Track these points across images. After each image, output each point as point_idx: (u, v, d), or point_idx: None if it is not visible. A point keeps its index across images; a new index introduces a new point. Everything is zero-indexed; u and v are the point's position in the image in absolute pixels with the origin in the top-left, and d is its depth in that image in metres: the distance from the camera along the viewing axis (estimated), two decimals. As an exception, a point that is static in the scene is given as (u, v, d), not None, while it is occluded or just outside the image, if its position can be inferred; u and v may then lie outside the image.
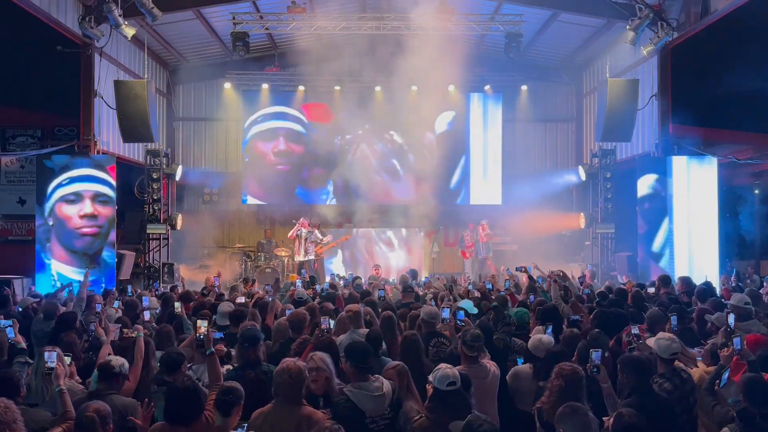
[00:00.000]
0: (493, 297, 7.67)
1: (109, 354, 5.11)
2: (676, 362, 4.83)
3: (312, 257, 16.06)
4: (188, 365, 5.13)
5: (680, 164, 13.68)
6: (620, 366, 4.50)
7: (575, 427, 3.52)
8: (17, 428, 3.43)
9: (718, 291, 9.52)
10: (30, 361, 5.28)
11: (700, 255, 13.31)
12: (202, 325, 4.75)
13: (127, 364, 4.70)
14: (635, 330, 5.41)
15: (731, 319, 5.72)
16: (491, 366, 4.96)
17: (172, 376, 4.69)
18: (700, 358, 5.56)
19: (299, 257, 15.97)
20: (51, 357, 4.30)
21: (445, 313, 5.88)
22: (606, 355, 5.56)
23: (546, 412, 4.10)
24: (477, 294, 8.29)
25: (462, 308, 6.25)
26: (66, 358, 4.66)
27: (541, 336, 5.39)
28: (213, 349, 4.61)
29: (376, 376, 4.30)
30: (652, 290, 8.97)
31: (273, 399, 4.08)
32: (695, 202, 13.52)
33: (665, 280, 9.13)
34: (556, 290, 7.86)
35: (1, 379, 4.20)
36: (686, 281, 9.29)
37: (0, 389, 3.99)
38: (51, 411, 4.30)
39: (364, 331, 5.90)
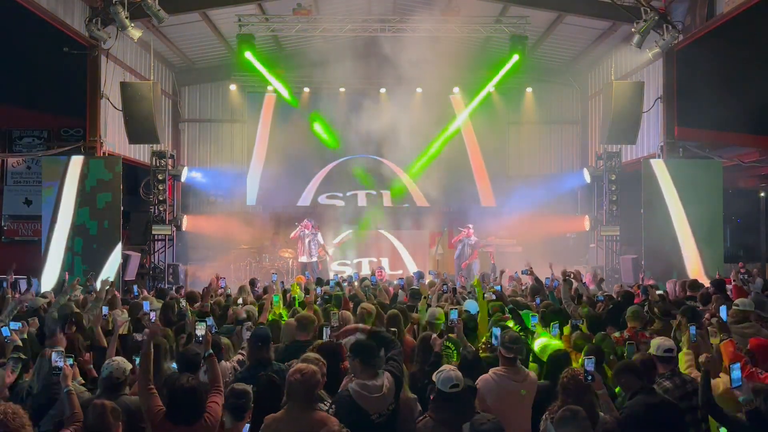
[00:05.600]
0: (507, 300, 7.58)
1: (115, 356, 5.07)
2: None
3: (315, 259, 16.06)
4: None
5: (685, 167, 13.67)
6: (616, 373, 4.50)
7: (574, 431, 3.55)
8: None
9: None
10: (23, 357, 5.20)
11: (705, 258, 13.27)
12: (202, 326, 4.68)
13: (129, 369, 4.56)
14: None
15: (723, 311, 5.67)
16: (530, 372, 4.81)
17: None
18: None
19: (303, 259, 15.97)
20: (57, 357, 4.21)
21: (454, 315, 5.83)
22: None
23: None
24: (492, 297, 8.09)
25: (456, 308, 6.18)
26: (68, 359, 4.63)
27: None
28: (212, 350, 4.54)
29: (380, 371, 4.24)
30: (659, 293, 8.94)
31: (285, 401, 4.02)
32: (700, 205, 13.48)
33: (683, 284, 9.13)
34: (567, 291, 7.65)
35: None
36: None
37: None
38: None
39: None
